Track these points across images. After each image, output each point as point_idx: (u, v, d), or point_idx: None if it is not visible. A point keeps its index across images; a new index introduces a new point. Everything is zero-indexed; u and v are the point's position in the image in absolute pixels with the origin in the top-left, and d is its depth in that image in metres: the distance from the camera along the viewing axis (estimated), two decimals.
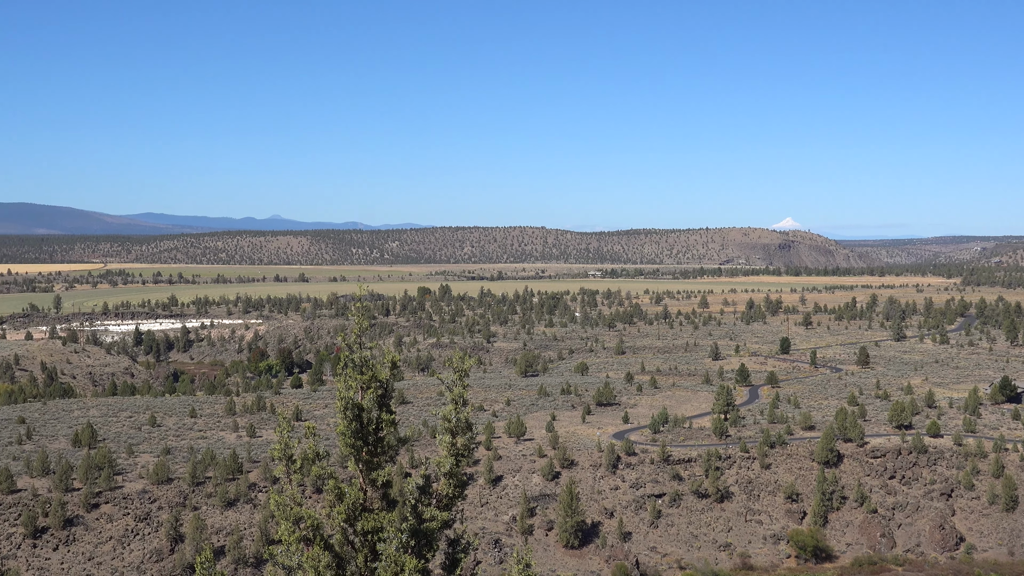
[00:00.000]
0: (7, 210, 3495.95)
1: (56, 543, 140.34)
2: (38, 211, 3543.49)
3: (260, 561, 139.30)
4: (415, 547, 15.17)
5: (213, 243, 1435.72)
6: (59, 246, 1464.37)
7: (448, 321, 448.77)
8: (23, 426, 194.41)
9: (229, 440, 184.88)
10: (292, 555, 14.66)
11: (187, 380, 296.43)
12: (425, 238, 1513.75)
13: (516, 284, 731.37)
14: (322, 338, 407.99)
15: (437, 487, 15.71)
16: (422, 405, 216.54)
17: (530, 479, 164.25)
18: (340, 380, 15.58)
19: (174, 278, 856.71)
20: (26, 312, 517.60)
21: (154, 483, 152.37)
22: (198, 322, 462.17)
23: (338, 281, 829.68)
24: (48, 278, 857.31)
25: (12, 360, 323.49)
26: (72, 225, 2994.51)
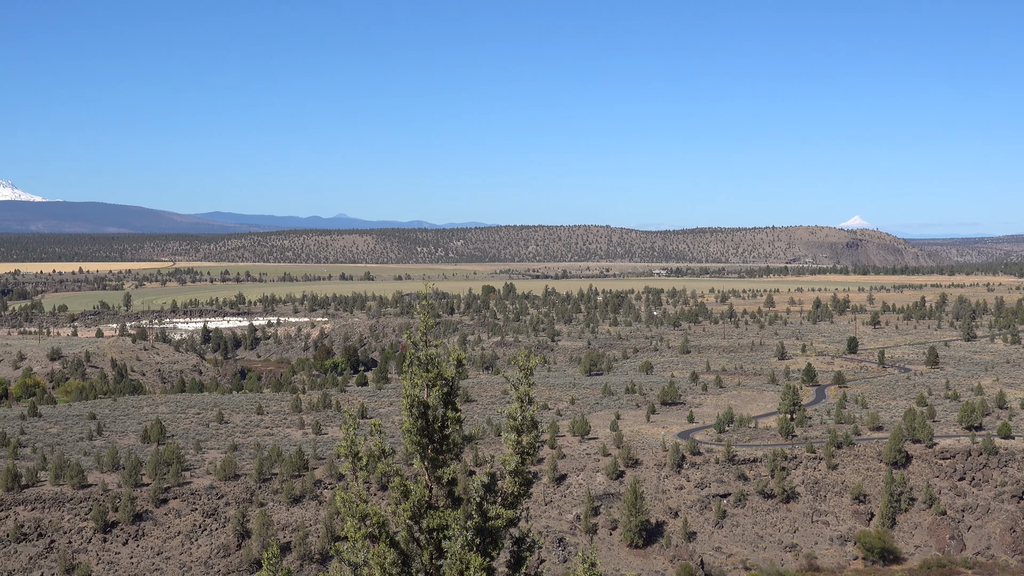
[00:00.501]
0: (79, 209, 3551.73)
1: (126, 537, 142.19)
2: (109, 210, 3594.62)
3: (325, 557, 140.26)
4: (480, 545, 15.18)
5: (280, 242, 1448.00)
6: (129, 245, 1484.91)
7: (512, 319, 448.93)
8: (94, 422, 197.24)
9: (295, 437, 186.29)
10: (358, 552, 14.74)
11: (254, 377, 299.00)
12: (490, 237, 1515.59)
13: (580, 283, 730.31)
14: (387, 336, 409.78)
15: (502, 485, 15.71)
16: (486, 403, 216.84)
17: (594, 478, 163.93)
18: (406, 378, 15.63)
19: (241, 276, 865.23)
20: (97, 310, 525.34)
21: (221, 479, 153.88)
22: (265, 320, 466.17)
23: (403, 279, 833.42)
24: (118, 276, 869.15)
25: (83, 357, 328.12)
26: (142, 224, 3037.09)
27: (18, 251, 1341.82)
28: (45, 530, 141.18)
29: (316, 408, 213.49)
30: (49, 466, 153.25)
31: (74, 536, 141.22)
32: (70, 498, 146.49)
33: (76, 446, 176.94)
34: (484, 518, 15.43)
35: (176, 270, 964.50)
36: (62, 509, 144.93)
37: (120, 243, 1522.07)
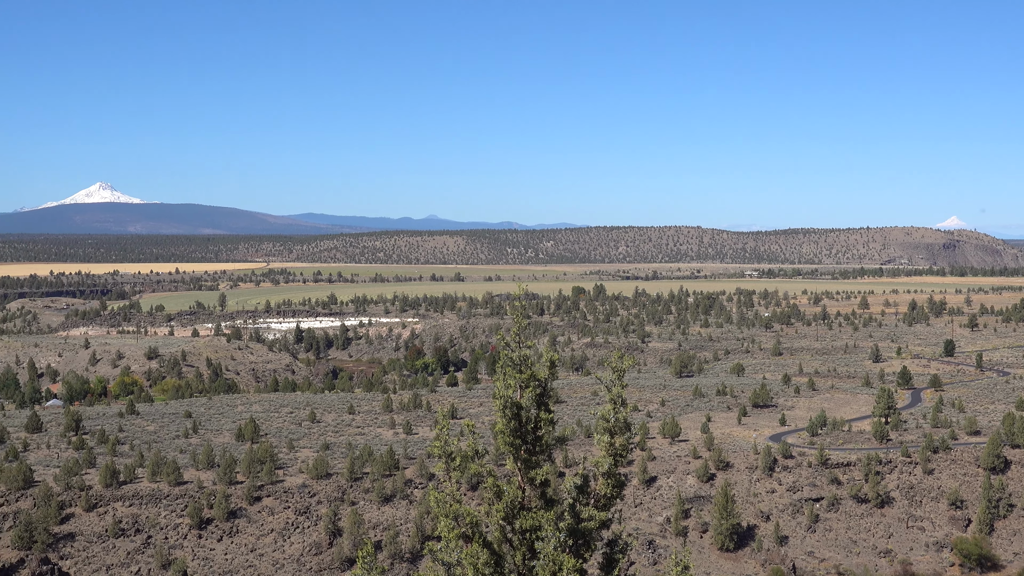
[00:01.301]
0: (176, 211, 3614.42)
1: (220, 534, 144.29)
2: (205, 212, 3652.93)
3: (416, 556, 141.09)
4: (573, 546, 15.17)
5: (371, 243, 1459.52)
6: (224, 246, 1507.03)
7: (602, 321, 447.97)
8: (189, 420, 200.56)
9: (386, 437, 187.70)
10: (451, 552, 14.80)
11: (346, 377, 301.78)
12: (580, 238, 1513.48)
13: (671, 284, 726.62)
14: (477, 337, 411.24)
15: (595, 487, 15.69)
16: (576, 404, 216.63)
17: (684, 480, 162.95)
18: (499, 379, 15.66)
19: (333, 277, 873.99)
20: (193, 310, 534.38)
21: (313, 478, 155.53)
22: (356, 320, 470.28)
23: (493, 280, 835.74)
24: (214, 277, 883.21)
25: (179, 356, 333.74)
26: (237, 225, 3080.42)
27: (117, 252, 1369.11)
28: (142, 526, 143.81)
29: (407, 408, 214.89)
30: (146, 463, 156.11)
31: (170, 532, 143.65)
32: (166, 495, 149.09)
33: (172, 444, 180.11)
34: (577, 520, 15.42)
35: (270, 271, 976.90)
36: (159, 505, 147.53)
37: (215, 244, 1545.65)
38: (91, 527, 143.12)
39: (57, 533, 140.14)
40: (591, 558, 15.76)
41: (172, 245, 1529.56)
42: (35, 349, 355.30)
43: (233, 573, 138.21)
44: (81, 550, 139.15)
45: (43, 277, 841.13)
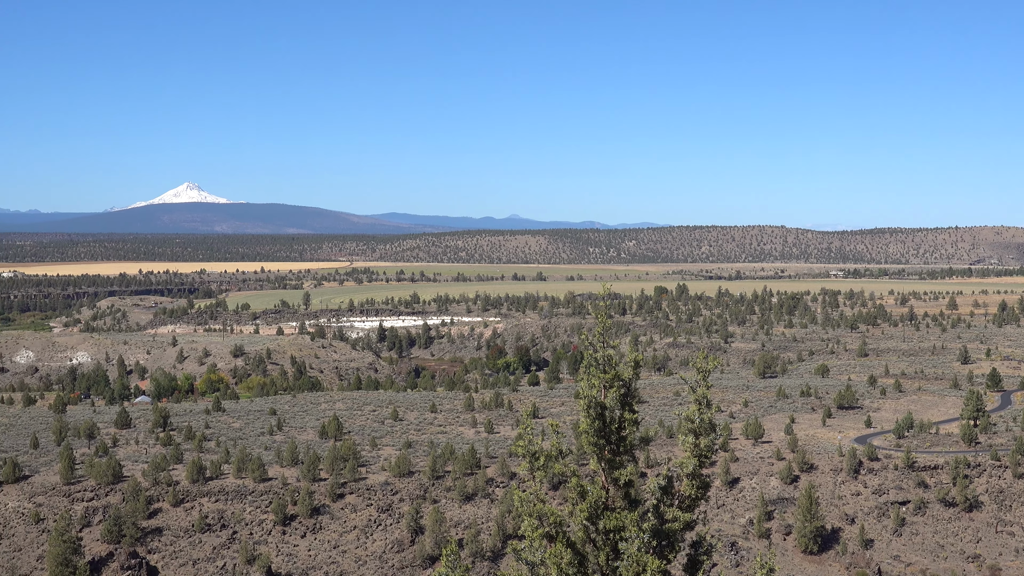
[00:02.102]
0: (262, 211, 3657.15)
1: (304, 530, 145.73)
2: (290, 212, 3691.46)
3: (497, 555, 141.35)
4: (657, 547, 15.10)
5: (453, 242, 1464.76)
6: (308, 245, 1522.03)
7: (685, 321, 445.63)
8: (274, 417, 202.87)
9: (468, 435, 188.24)
10: (535, 551, 14.80)
11: (428, 376, 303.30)
12: (662, 237, 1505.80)
13: (754, 284, 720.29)
14: (559, 336, 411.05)
15: (679, 488, 15.60)
16: (658, 405, 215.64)
17: (768, 482, 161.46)
18: (583, 378, 15.63)
19: (416, 276, 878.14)
20: (278, 308, 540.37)
21: (396, 475, 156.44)
22: (439, 319, 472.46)
23: (575, 280, 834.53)
24: (298, 276, 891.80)
25: (264, 354, 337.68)
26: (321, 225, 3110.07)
27: (204, 251, 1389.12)
28: (228, 521, 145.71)
29: (488, 407, 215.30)
30: (232, 459, 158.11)
31: (255, 528, 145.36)
32: (251, 491, 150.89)
33: (257, 440, 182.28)
34: (661, 520, 15.34)
35: (353, 270, 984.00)
36: (244, 501, 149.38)
37: (300, 243, 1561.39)
38: (178, 522, 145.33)
39: (145, 527, 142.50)
40: (675, 559, 15.67)
41: (257, 244, 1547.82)
42: (124, 347, 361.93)
43: (316, 569, 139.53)
44: (168, 544, 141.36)
45: (132, 276, 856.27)
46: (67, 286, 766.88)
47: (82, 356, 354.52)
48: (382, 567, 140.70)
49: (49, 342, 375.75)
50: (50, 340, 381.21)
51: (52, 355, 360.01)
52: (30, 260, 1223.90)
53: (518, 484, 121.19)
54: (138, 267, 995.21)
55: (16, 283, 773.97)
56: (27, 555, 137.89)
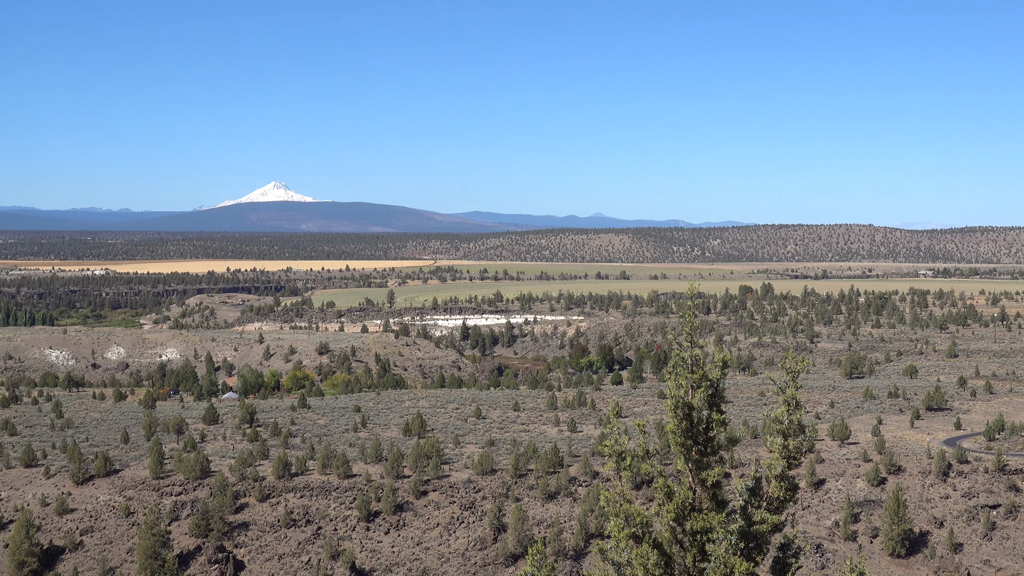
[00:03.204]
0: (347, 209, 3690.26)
1: (387, 527, 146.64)
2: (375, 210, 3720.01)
3: (579, 554, 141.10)
4: (744, 549, 14.93)
5: (537, 241, 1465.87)
6: (393, 243, 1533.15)
7: (770, 320, 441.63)
8: (358, 414, 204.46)
9: (550, 434, 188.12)
10: (621, 551, 14.71)
11: (511, 374, 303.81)
12: (747, 236, 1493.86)
13: (841, 283, 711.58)
14: (642, 335, 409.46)
15: (767, 489, 15.42)
16: (742, 405, 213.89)
17: (854, 484, 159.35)
18: (670, 378, 15.51)
19: (499, 275, 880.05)
20: (362, 306, 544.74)
21: (479, 473, 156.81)
22: (522, 318, 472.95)
23: (659, 279, 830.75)
24: (383, 274, 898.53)
25: (349, 352, 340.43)
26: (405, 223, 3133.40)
27: (290, 250, 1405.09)
28: (313, 517, 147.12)
29: (571, 406, 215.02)
30: (317, 456, 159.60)
31: (339, 524, 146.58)
32: (336, 487, 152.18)
33: (342, 437, 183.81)
34: (749, 522, 15.18)
35: (437, 268, 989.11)
36: (328, 497, 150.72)
37: (384, 242, 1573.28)
38: (264, 517, 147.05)
39: (232, 522, 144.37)
40: (763, 561, 15.49)
41: (343, 243, 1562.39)
42: (212, 343, 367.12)
43: (399, 566, 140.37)
44: (254, 539, 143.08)
45: (220, 274, 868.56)
46: (157, 284, 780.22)
47: (171, 353, 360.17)
48: (465, 564, 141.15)
49: (139, 339, 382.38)
50: (140, 337, 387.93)
51: (142, 352, 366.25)
52: (121, 258, 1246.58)
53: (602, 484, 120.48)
54: (226, 265, 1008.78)
55: (108, 281, 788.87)
56: (117, 547, 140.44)
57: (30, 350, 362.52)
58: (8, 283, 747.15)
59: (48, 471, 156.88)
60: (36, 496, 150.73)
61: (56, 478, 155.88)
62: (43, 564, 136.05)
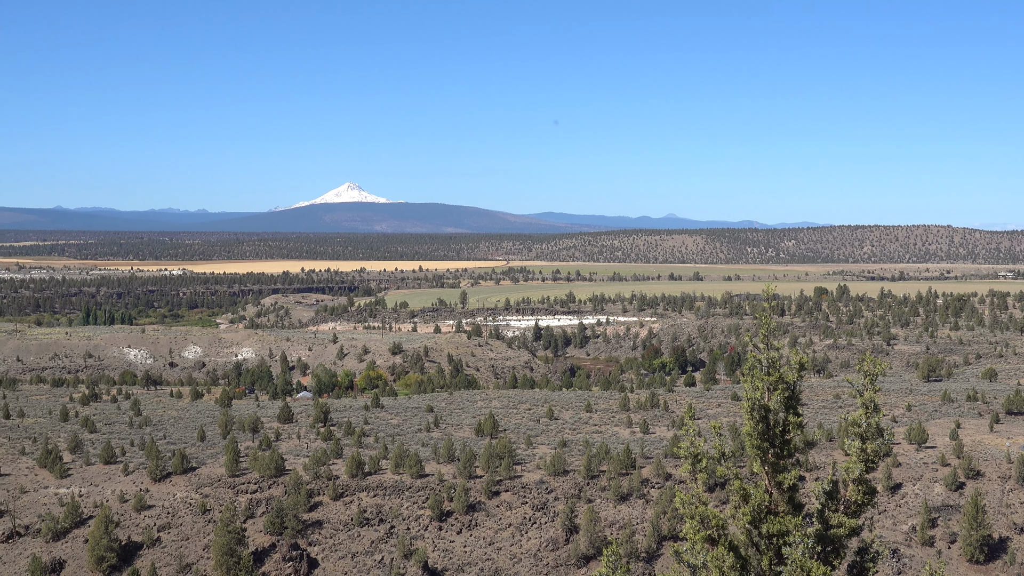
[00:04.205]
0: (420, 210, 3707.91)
1: (460, 527, 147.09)
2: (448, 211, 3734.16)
3: (652, 556, 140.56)
4: (821, 553, 14.82)
5: (609, 242, 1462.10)
6: (465, 244, 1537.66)
7: (845, 322, 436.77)
8: (431, 414, 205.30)
9: (623, 435, 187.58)
10: (697, 553, 14.66)
11: (583, 375, 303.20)
12: (822, 237, 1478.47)
13: (918, 285, 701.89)
14: (716, 337, 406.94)
15: (845, 493, 15.29)
16: (817, 407, 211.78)
17: (931, 488, 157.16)
18: (746, 380, 15.43)
19: (572, 275, 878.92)
20: (435, 307, 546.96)
21: (551, 474, 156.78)
22: (594, 319, 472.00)
23: (732, 280, 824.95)
24: (455, 275, 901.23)
25: (422, 352, 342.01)
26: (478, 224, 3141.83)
27: (364, 250, 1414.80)
28: (385, 516, 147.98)
29: (644, 407, 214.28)
30: (390, 455, 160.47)
31: (412, 523, 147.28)
32: (409, 486, 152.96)
33: (414, 437, 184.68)
34: (826, 526, 15.06)
35: (509, 269, 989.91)
36: (401, 496, 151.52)
37: (457, 243, 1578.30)
38: (337, 515, 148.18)
39: (306, 520, 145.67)
40: (840, 566, 15.36)
41: (416, 243, 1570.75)
42: (287, 343, 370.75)
43: (472, 565, 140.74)
44: (328, 537, 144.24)
45: (295, 274, 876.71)
46: (233, 284, 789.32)
47: (247, 352, 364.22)
48: (536, 565, 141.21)
49: (216, 338, 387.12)
50: (216, 336, 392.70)
51: (218, 351, 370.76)
52: (198, 258, 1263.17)
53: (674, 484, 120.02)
54: (300, 265, 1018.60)
55: (185, 281, 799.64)
56: (194, 544, 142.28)
57: (109, 349, 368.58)
58: (88, 283, 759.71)
59: (127, 468, 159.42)
60: (115, 492, 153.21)
61: (134, 475, 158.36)
62: (122, 559, 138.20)
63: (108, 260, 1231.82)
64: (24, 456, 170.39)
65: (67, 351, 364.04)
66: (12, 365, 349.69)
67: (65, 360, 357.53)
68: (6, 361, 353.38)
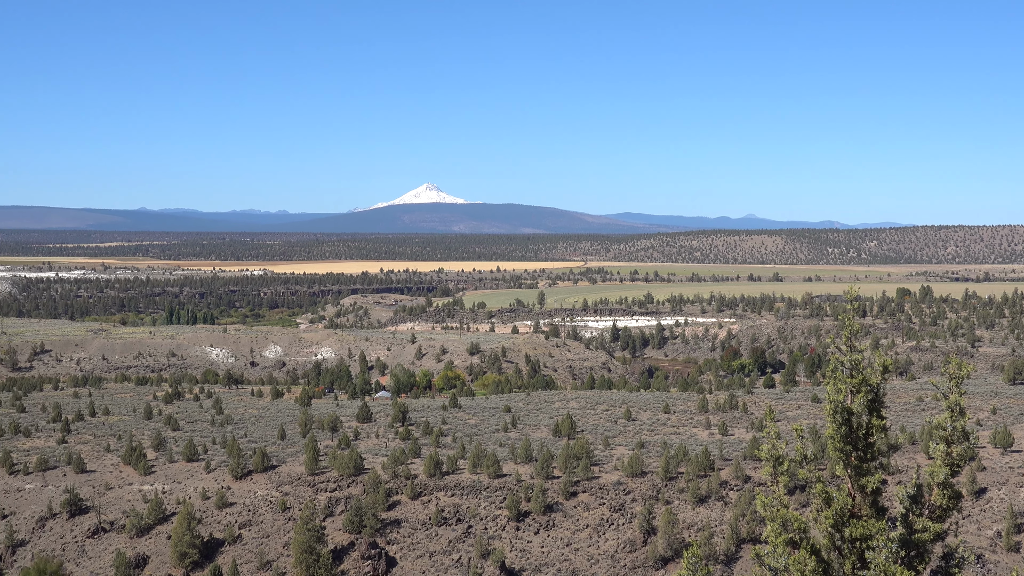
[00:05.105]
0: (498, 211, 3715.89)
1: (537, 527, 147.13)
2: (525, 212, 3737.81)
3: (730, 559, 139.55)
4: (905, 558, 14.63)
5: (688, 242, 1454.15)
6: (543, 245, 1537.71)
7: (928, 324, 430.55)
8: (509, 415, 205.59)
9: (701, 437, 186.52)
10: (778, 557, 14.54)
11: (661, 376, 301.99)
12: (905, 237, 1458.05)
13: (1004, 286, 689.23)
14: (796, 338, 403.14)
15: (929, 497, 15.08)
16: (899, 410, 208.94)
17: (1018, 493, 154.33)
18: (829, 383, 15.28)
19: (650, 276, 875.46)
20: (513, 307, 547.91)
21: (628, 475, 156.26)
22: (672, 320, 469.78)
23: (812, 281, 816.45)
24: (533, 275, 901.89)
25: (500, 352, 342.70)
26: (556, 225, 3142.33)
27: (442, 251, 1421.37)
28: (463, 516, 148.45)
29: (722, 409, 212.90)
30: (467, 455, 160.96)
31: (489, 523, 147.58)
32: (486, 486, 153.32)
33: (492, 437, 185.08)
34: (910, 530, 14.86)
35: (587, 269, 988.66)
36: (479, 496, 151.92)
37: (535, 243, 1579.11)
38: (415, 514, 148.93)
39: (384, 519, 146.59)
40: (924, 571, 15.17)
41: (493, 244, 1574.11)
42: (366, 343, 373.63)
43: (549, 566, 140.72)
44: (406, 536, 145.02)
45: (374, 274, 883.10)
46: (313, 284, 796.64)
47: (326, 352, 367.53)
48: (614, 566, 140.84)
49: (296, 338, 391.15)
50: (297, 336, 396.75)
51: (298, 350, 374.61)
52: (279, 259, 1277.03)
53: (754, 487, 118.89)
54: (379, 266, 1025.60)
55: (266, 281, 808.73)
56: (274, 541, 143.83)
57: (192, 348, 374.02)
58: (172, 283, 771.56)
59: (209, 466, 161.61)
60: (197, 490, 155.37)
61: (216, 472, 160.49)
62: (203, 556, 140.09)
63: (191, 260, 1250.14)
64: (109, 453, 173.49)
65: (151, 350, 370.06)
66: (98, 364, 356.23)
67: (149, 359, 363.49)
68: (92, 360, 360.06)
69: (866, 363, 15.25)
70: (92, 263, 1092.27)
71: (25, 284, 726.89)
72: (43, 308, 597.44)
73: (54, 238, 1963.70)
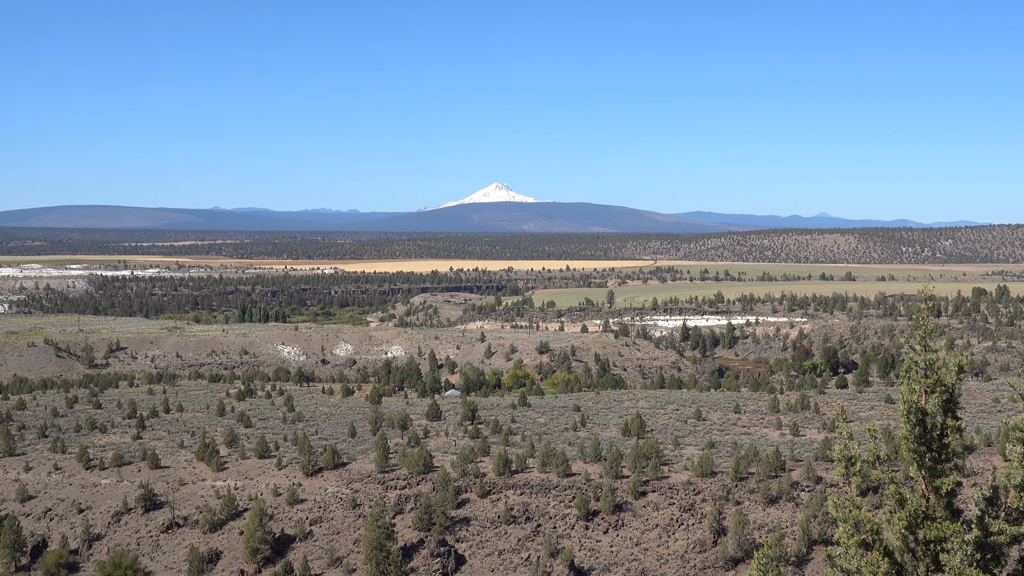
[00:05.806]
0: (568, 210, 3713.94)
1: (606, 527, 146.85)
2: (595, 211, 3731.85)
3: (801, 560, 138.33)
4: (981, 561, 14.40)
5: (759, 241, 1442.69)
6: (613, 244, 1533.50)
7: (1005, 324, 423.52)
8: (578, 414, 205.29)
9: (772, 437, 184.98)
10: (851, 558, 14.37)
11: (731, 376, 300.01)
12: (981, 236, 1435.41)
13: None
14: (869, 338, 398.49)
15: (1006, 500, 14.83)
16: (975, 412, 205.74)
17: None
18: (903, 383, 15.09)
19: (720, 275, 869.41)
20: (582, 306, 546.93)
21: (698, 475, 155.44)
22: (743, 319, 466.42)
23: (886, 280, 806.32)
24: (602, 274, 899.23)
25: (569, 351, 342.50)
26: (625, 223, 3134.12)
27: (511, 249, 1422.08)
28: (532, 514, 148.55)
29: (794, 409, 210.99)
30: (537, 454, 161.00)
31: (558, 522, 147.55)
32: (555, 485, 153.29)
33: (561, 436, 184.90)
34: (985, 533, 14.63)
35: (657, 268, 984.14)
36: (547, 495, 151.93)
37: (604, 242, 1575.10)
38: (484, 513, 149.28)
39: (454, 517, 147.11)
40: (1000, 574, 14.92)
41: (563, 243, 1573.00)
42: (435, 341, 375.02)
43: (618, 566, 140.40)
44: (475, 534, 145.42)
45: (443, 273, 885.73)
46: (383, 283, 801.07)
47: (396, 350, 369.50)
48: (683, 567, 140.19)
49: (366, 336, 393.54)
50: (367, 334, 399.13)
51: (369, 348, 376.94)
52: (349, 258, 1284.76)
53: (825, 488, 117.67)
54: (449, 264, 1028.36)
55: (336, 279, 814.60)
56: (344, 538, 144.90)
57: (264, 346, 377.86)
58: (244, 281, 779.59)
59: (280, 462, 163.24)
60: (269, 486, 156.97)
61: (287, 469, 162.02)
62: (275, 551, 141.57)
63: (263, 259, 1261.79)
64: (183, 449, 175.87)
65: (224, 348, 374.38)
66: (172, 361, 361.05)
67: (222, 356, 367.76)
68: (166, 357, 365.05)
69: (941, 363, 15.04)
70: (166, 262, 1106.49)
71: (101, 282, 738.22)
72: (119, 306, 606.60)
73: (130, 237, 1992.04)
